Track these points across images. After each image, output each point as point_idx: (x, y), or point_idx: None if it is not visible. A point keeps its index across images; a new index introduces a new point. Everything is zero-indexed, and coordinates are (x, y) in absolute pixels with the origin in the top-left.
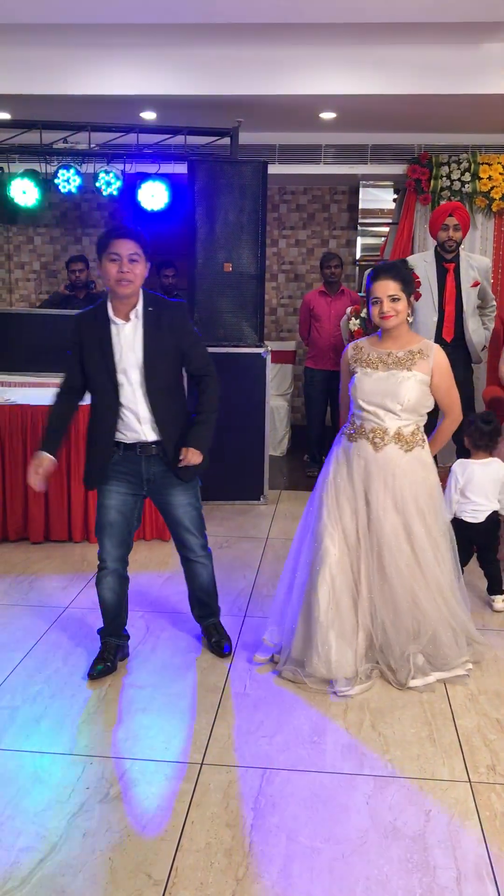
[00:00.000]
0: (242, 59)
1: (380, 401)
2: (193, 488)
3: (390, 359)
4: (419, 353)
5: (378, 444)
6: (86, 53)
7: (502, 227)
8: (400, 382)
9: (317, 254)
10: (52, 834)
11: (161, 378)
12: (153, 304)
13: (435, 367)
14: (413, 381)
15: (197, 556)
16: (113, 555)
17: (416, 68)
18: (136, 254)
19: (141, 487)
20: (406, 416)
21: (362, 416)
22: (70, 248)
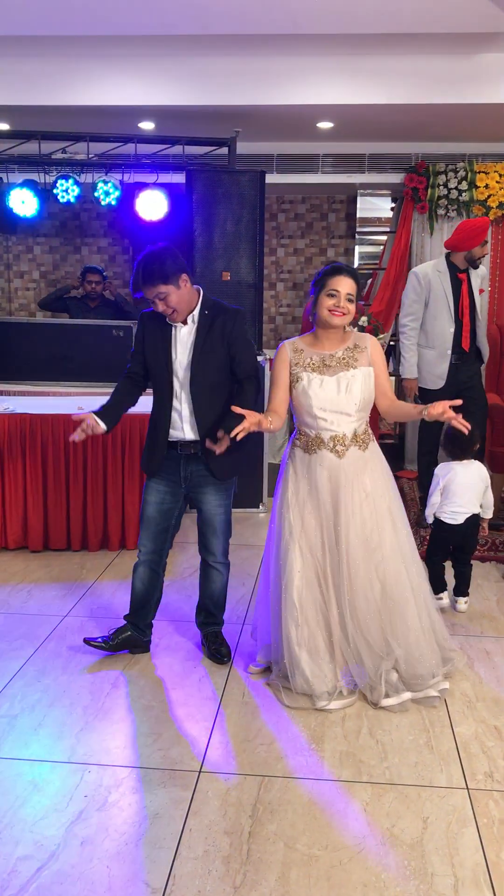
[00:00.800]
0: (240, 70)
1: (335, 406)
2: (227, 491)
3: (333, 360)
4: (356, 348)
5: (340, 451)
6: (84, 65)
7: (499, 236)
8: (350, 383)
9: (315, 262)
10: (50, 842)
11: (206, 380)
12: (210, 308)
13: (373, 356)
14: (360, 377)
15: (216, 560)
16: (148, 548)
17: (413, 78)
18: (163, 292)
19: (179, 485)
20: (358, 416)
21: (318, 425)
22: (69, 257)
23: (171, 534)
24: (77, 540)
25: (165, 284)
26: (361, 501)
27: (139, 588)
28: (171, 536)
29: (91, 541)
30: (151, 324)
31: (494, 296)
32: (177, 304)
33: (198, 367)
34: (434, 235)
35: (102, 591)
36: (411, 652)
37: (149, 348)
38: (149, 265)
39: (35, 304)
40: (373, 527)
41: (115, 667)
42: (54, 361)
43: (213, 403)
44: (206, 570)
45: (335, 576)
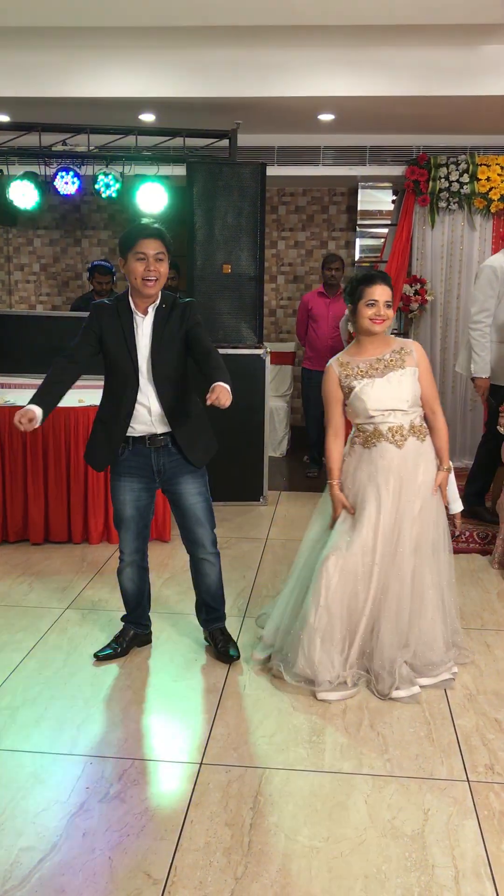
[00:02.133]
0: (241, 62)
1: (390, 404)
2: (202, 478)
3: (381, 364)
4: (403, 352)
5: (399, 442)
6: (85, 56)
7: (500, 228)
8: (400, 381)
9: (316, 255)
10: (52, 833)
11: (168, 368)
12: (166, 301)
13: (420, 360)
14: (409, 376)
15: (207, 552)
16: (131, 547)
17: (415, 70)
18: (162, 253)
19: (153, 480)
20: (412, 410)
21: (375, 421)
22: (70, 250)
23: (149, 528)
24: (78, 532)
25: (167, 251)
26: (415, 496)
27: (131, 588)
28: (149, 531)
29: (92, 533)
30: (108, 318)
31: None
32: (163, 275)
33: (159, 357)
34: (435, 228)
35: (104, 583)
36: (425, 640)
37: (109, 343)
38: (160, 227)
39: (35, 296)
40: (419, 521)
41: (116, 660)
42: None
43: (179, 394)
44: (197, 564)
45: (383, 571)
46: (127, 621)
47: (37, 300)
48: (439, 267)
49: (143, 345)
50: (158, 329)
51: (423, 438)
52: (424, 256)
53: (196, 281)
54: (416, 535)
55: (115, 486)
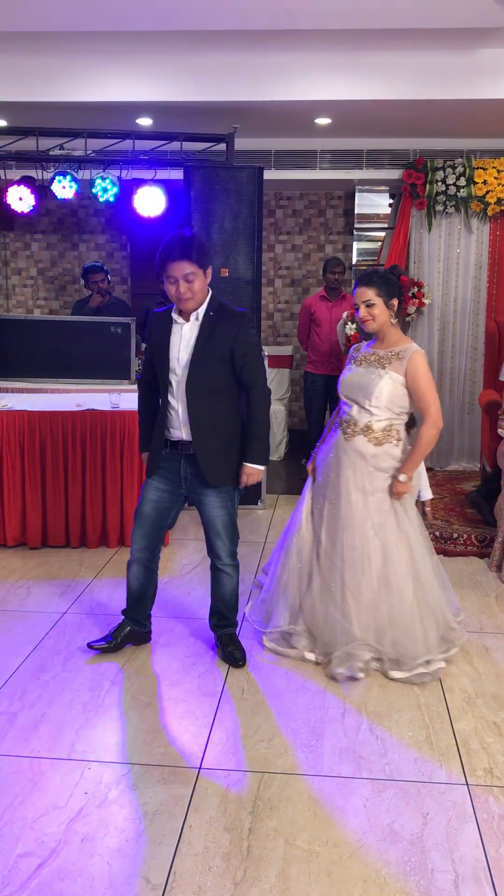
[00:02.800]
0: (237, 66)
1: (353, 395)
2: (227, 492)
3: (373, 357)
4: (396, 355)
5: (348, 434)
6: (82, 61)
7: (497, 232)
8: (372, 380)
9: (313, 259)
10: (51, 839)
11: (204, 381)
12: (216, 309)
13: (408, 369)
14: (386, 379)
15: (224, 563)
16: (140, 545)
17: (411, 74)
18: (192, 273)
19: (180, 486)
20: (378, 412)
21: (342, 408)
22: (67, 254)
23: (164, 532)
24: (76, 537)
25: (199, 267)
26: (354, 488)
27: (134, 585)
28: (164, 534)
29: (90, 538)
30: (155, 324)
31: (493, 292)
32: (198, 290)
33: (195, 369)
34: (432, 231)
35: (101, 588)
36: (403, 632)
37: (154, 346)
38: (188, 242)
39: (32, 300)
40: (369, 516)
41: (114, 664)
42: (52, 358)
43: (209, 407)
44: (215, 573)
45: (326, 545)
46: (126, 616)
47: (34, 304)
48: (436, 270)
49: (183, 351)
50: (202, 338)
51: (378, 444)
52: (422, 260)
53: None
54: (362, 526)
55: (146, 482)
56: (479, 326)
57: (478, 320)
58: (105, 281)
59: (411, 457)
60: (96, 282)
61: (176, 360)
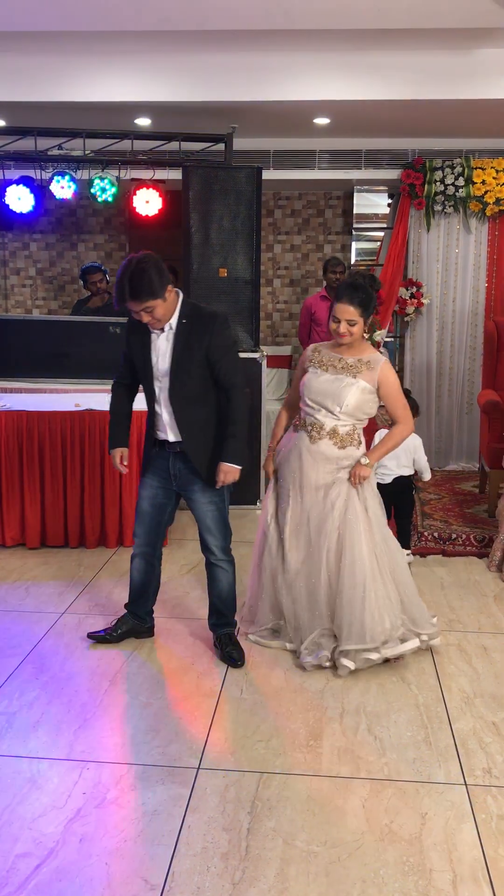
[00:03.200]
0: (236, 66)
1: (322, 400)
2: (217, 489)
3: (340, 364)
4: (367, 364)
5: (314, 438)
6: (80, 61)
7: (496, 232)
8: (343, 387)
9: (312, 259)
10: (49, 839)
11: (185, 387)
12: (188, 315)
13: (381, 379)
14: (356, 388)
15: (217, 558)
16: (142, 540)
17: (410, 74)
18: (147, 306)
19: (170, 482)
20: (344, 418)
21: (306, 410)
22: (66, 254)
23: (164, 527)
24: (74, 537)
25: (153, 299)
26: (320, 486)
27: (137, 578)
28: (164, 530)
29: (88, 538)
30: (134, 333)
31: (492, 292)
32: (162, 315)
33: (176, 378)
34: (431, 231)
35: (100, 588)
36: (360, 619)
37: (134, 353)
38: (136, 282)
39: (31, 300)
40: (329, 513)
41: (112, 664)
42: (51, 358)
43: (193, 410)
44: (210, 568)
45: (296, 542)
46: (128, 610)
47: (33, 304)
48: (435, 270)
49: (162, 360)
50: (178, 346)
51: (342, 447)
52: (420, 260)
53: (192, 285)
54: (322, 522)
55: (141, 480)
56: (478, 326)
57: (476, 320)
58: (103, 281)
59: (380, 448)
60: (95, 282)
61: (157, 369)
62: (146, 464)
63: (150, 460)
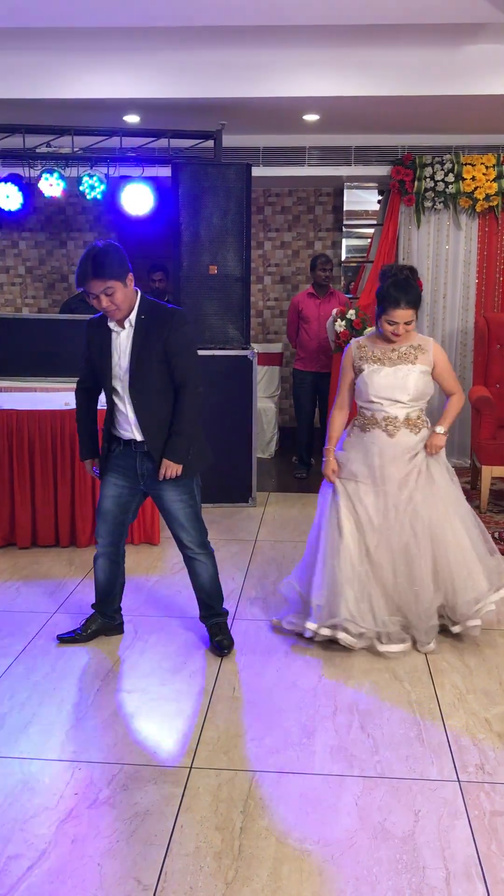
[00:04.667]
0: (225, 62)
1: (389, 394)
2: (185, 485)
3: (395, 354)
4: (419, 349)
5: (392, 432)
6: (68, 57)
7: (486, 228)
8: (406, 375)
9: (302, 256)
10: (41, 841)
11: (146, 384)
12: (147, 311)
13: (435, 359)
14: (417, 373)
15: (193, 552)
16: (105, 540)
17: (399, 70)
18: (110, 287)
19: (137, 482)
20: (412, 404)
21: (373, 407)
22: (55, 252)
23: (127, 526)
24: (65, 536)
25: (115, 280)
26: (409, 474)
27: (101, 578)
28: (126, 529)
29: (79, 537)
30: (94, 333)
31: (482, 288)
32: (121, 301)
33: (136, 374)
34: (421, 228)
35: (91, 587)
36: (456, 584)
37: (94, 353)
38: (100, 259)
39: (21, 299)
40: (422, 497)
41: (104, 663)
42: (41, 357)
43: (156, 408)
44: (189, 563)
45: (388, 536)
46: (95, 610)
47: (23, 303)
48: (425, 267)
49: (122, 357)
50: (137, 342)
51: (417, 432)
52: (410, 256)
53: (182, 282)
54: (412, 512)
55: (102, 479)
56: (469, 322)
57: (467, 316)
58: None
59: (448, 416)
60: None
61: (118, 367)
62: (106, 462)
63: (114, 459)
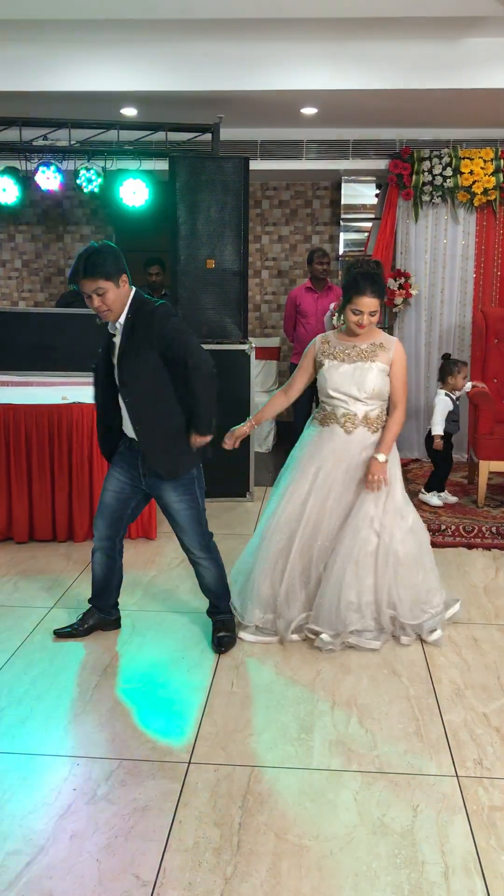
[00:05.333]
0: (223, 55)
1: (347, 389)
2: (184, 486)
3: (355, 351)
4: (381, 346)
5: (349, 429)
6: (65, 50)
7: (484, 222)
8: (365, 373)
9: (300, 250)
10: (39, 836)
11: (138, 383)
12: (134, 311)
13: (395, 358)
14: (376, 370)
15: (196, 556)
16: (102, 534)
17: (397, 63)
18: (100, 287)
19: (139, 480)
20: (371, 402)
21: (332, 402)
22: (52, 245)
23: (126, 522)
24: (63, 531)
25: (106, 280)
26: (357, 479)
27: (98, 572)
28: (125, 525)
29: (77, 532)
30: (104, 331)
31: (480, 282)
32: (112, 302)
33: (127, 373)
34: (419, 222)
35: (89, 582)
36: (415, 597)
37: (102, 353)
38: (93, 259)
39: (17, 292)
40: (365, 498)
41: (102, 658)
42: (38, 351)
43: (149, 406)
44: (194, 566)
45: (321, 535)
46: (92, 605)
47: (19, 297)
48: (423, 261)
49: (118, 356)
50: (124, 342)
51: (375, 431)
52: (408, 250)
53: (180, 276)
54: (351, 510)
55: (108, 472)
56: (466, 317)
57: (465, 311)
58: None
59: (386, 438)
60: None
61: (116, 369)
62: (114, 456)
63: (121, 454)
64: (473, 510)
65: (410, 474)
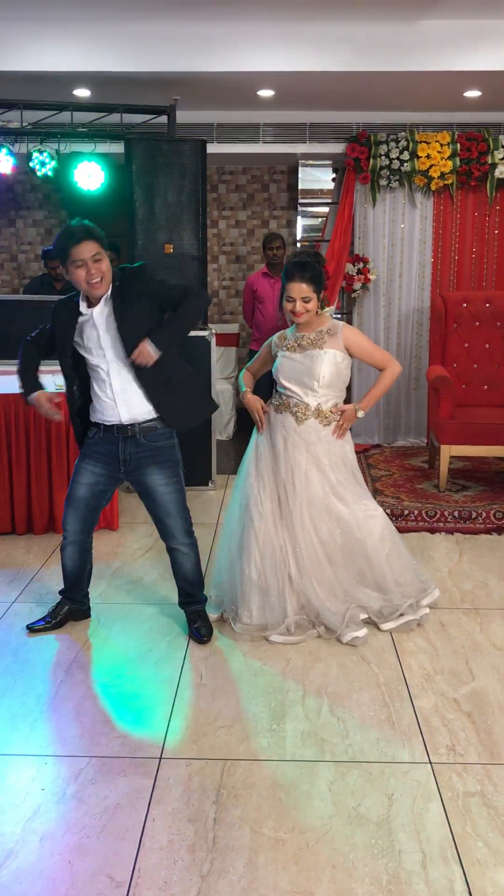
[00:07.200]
0: (178, 35)
1: (299, 378)
2: (171, 468)
3: (304, 340)
4: (328, 332)
5: (300, 418)
6: (16, 28)
7: (441, 206)
8: (314, 360)
9: (258, 235)
10: (8, 839)
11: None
12: (119, 277)
13: (346, 341)
14: (326, 358)
15: (179, 542)
16: (74, 528)
17: (354, 45)
18: (98, 252)
19: (118, 469)
20: (324, 393)
21: (286, 393)
22: (3, 230)
23: (99, 514)
24: (22, 523)
25: (101, 246)
26: (310, 467)
27: (71, 567)
28: (98, 516)
29: (36, 524)
30: (60, 317)
31: (437, 267)
32: (106, 269)
33: (129, 341)
34: (377, 206)
35: (50, 575)
36: (386, 588)
37: (59, 341)
38: (87, 226)
39: None
40: (320, 492)
41: (67, 653)
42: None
43: (153, 371)
44: (172, 554)
45: (287, 526)
46: (64, 596)
47: None
48: (381, 245)
49: (105, 336)
50: (118, 308)
51: (327, 424)
52: (366, 235)
53: (137, 261)
54: (312, 502)
55: (77, 465)
56: (425, 301)
57: (423, 295)
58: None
59: (372, 393)
60: (54, 266)
61: (100, 347)
62: (84, 448)
63: (92, 446)
64: (435, 494)
65: (371, 459)
